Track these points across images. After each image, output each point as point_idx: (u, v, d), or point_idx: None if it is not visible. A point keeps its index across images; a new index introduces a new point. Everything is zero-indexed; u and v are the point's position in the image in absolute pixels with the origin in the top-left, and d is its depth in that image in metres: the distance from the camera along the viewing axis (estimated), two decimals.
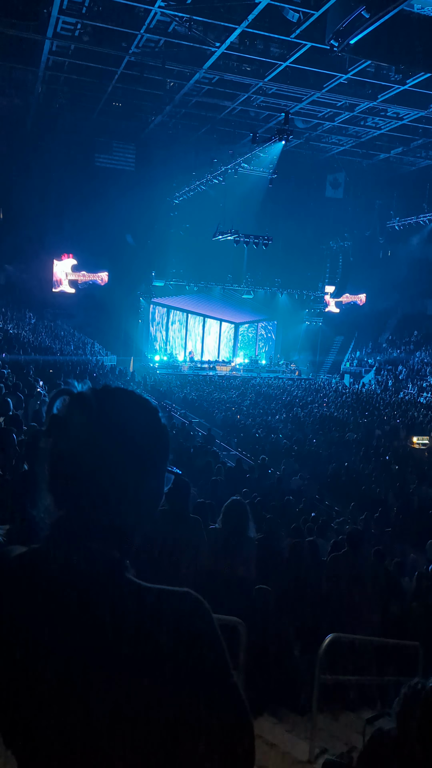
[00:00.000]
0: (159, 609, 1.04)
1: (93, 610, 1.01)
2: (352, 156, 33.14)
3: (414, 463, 19.20)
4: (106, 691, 0.97)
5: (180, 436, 16.45)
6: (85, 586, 1.03)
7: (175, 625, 1.03)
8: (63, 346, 28.21)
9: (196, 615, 1.06)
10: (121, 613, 1.02)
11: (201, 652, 1.04)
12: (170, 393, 27.69)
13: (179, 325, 38.10)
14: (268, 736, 4.40)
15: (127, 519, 1.09)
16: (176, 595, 1.07)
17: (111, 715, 0.97)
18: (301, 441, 20.23)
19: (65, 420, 1.09)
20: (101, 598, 1.02)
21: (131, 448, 1.09)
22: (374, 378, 34.78)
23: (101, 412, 1.09)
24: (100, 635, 0.99)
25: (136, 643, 1.00)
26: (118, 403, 1.12)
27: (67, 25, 19.88)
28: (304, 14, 17.68)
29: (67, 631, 0.99)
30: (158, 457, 1.14)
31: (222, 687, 1.06)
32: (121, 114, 28.43)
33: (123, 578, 1.06)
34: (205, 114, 28.03)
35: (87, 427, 1.07)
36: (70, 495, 1.07)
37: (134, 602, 1.04)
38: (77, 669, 0.98)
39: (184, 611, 1.05)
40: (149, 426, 1.13)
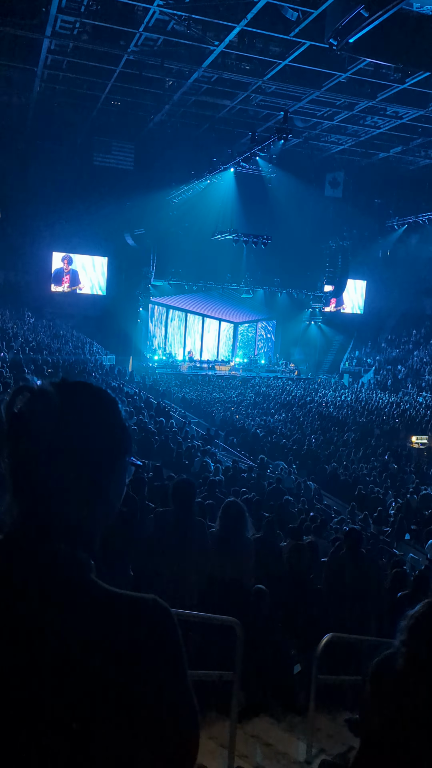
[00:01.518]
0: (121, 614, 1.02)
1: (52, 611, 0.98)
2: (351, 155, 33.12)
3: (413, 463, 19.21)
4: (60, 695, 0.95)
5: (179, 435, 16.43)
6: (45, 586, 1.00)
7: (136, 632, 1.01)
8: (62, 346, 28.19)
9: (161, 623, 1.04)
10: (82, 615, 0.99)
11: (163, 660, 1.02)
12: (169, 393, 27.69)
13: (178, 324, 38.08)
14: (265, 737, 4.38)
15: (90, 516, 1.07)
16: (141, 602, 1.05)
17: (63, 718, 0.94)
18: (300, 441, 20.23)
19: (25, 417, 1.05)
20: (62, 598, 1.00)
21: (93, 443, 1.06)
22: (373, 377, 34.79)
23: (61, 408, 1.05)
24: (58, 637, 0.97)
25: (93, 648, 0.97)
26: (78, 398, 1.09)
27: (66, 24, 19.85)
28: (303, 13, 17.66)
29: (21, 629, 0.97)
30: (119, 451, 1.12)
31: (178, 695, 1.04)
32: (119, 113, 28.41)
33: (86, 579, 1.03)
34: (204, 113, 28.01)
35: (47, 423, 1.04)
36: (31, 493, 1.04)
37: (96, 605, 1.01)
38: (31, 669, 0.95)
39: (147, 618, 1.03)
40: (109, 419, 1.11)
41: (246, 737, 4.23)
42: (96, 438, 1.07)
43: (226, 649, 3.95)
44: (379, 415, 24.94)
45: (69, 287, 34.15)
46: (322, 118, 27.89)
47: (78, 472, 1.04)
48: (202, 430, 19.78)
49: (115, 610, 1.02)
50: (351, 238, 37.65)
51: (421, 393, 30.53)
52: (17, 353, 22.86)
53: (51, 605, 0.99)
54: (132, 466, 1.16)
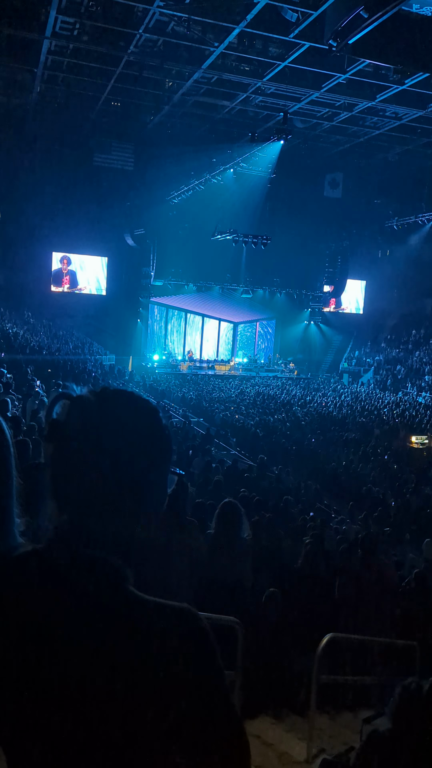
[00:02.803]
0: (156, 624, 1.03)
1: (89, 618, 1.00)
2: (351, 156, 33.13)
3: (413, 463, 19.22)
4: (98, 701, 0.96)
5: (179, 435, 16.45)
6: (83, 593, 1.01)
7: (170, 642, 1.01)
8: (61, 346, 28.20)
9: (193, 633, 1.05)
10: (117, 624, 1.01)
11: (196, 671, 1.02)
12: (169, 392, 27.69)
13: (178, 324, 38.09)
14: (266, 736, 4.41)
15: (130, 525, 1.07)
16: (174, 610, 1.05)
17: (103, 723, 0.96)
18: (300, 440, 20.24)
19: (65, 425, 1.07)
20: (99, 607, 1.01)
21: (133, 451, 1.07)
22: (373, 377, 34.81)
23: (101, 416, 1.06)
24: (94, 643, 0.98)
25: (129, 657, 0.99)
26: (118, 406, 1.09)
27: (66, 25, 19.86)
28: (302, 14, 17.69)
29: (61, 635, 0.98)
30: (161, 460, 1.12)
31: (217, 705, 1.04)
32: (119, 113, 28.42)
33: (123, 588, 1.04)
34: (204, 114, 28.03)
35: (88, 431, 1.05)
36: (73, 500, 1.05)
37: (131, 615, 1.02)
38: (69, 676, 0.97)
39: (181, 628, 1.04)
40: (150, 428, 1.11)
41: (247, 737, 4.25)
42: (136, 446, 1.07)
43: (227, 650, 3.97)
44: (378, 415, 24.95)
45: (69, 288, 34.17)
46: (322, 119, 27.91)
47: (118, 481, 1.05)
48: (201, 430, 19.79)
49: (149, 618, 1.02)
50: (350, 238, 37.66)
51: (420, 393, 30.55)
52: (17, 353, 22.88)
53: (87, 614, 1.00)
54: (174, 475, 1.17)
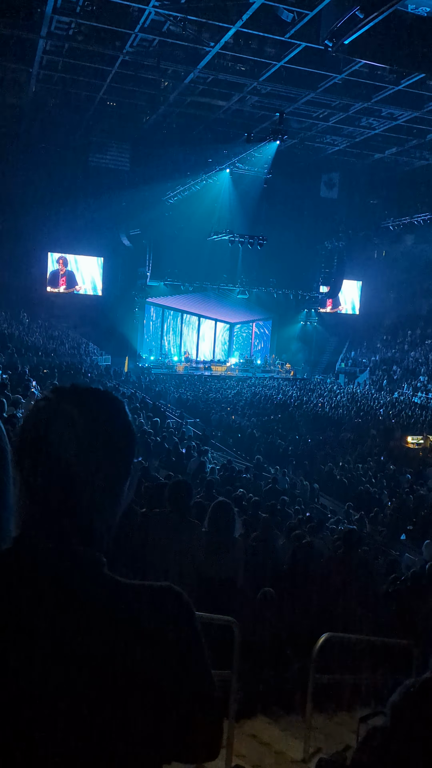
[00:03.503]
0: (139, 605, 1.05)
1: (71, 608, 1.01)
2: (346, 156, 33.18)
3: (409, 463, 19.26)
4: (84, 688, 0.97)
5: (175, 436, 16.45)
6: (64, 583, 1.02)
7: (155, 621, 1.04)
8: (57, 346, 28.17)
9: (177, 610, 1.08)
10: (101, 609, 1.02)
11: (180, 648, 1.05)
12: (165, 393, 27.68)
13: (174, 325, 38.09)
14: (262, 736, 4.40)
15: (103, 517, 1.09)
16: (156, 590, 1.08)
17: (89, 709, 0.97)
18: (296, 441, 20.27)
19: (35, 423, 1.08)
20: (81, 594, 1.03)
21: (103, 448, 1.09)
22: (369, 378, 34.86)
23: (71, 414, 1.08)
24: (79, 633, 0.99)
25: (115, 640, 1.00)
26: (86, 404, 1.11)
27: (61, 24, 19.85)
28: (298, 14, 17.70)
29: (43, 630, 0.99)
30: (130, 453, 1.14)
31: (199, 683, 1.07)
32: (115, 113, 28.39)
33: (102, 574, 1.06)
34: (200, 113, 28.03)
35: (58, 429, 1.06)
36: (45, 496, 1.06)
37: (114, 598, 1.04)
38: (54, 664, 0.97)
39: (164, 606, 1.07)
40: (120, 423, 1.13)
41: (244, 737, 4.25)
42: (103, 442, 1.09)
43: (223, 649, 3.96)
44: (374, 415, 25.00)
45: (66, 288, 34.13)
46: (318, 119, 27.94)
47: (86, 476, 1.06)
48: (198, 431, 19.79)
49: (132, 599, 1.05)
50: (346, 238, 37.71)
51: (416, 393, 30.61)
52: (12, 354, 22.84)
53: (70, 601, 1.01)
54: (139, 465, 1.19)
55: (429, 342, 35.82)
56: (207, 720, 1.08)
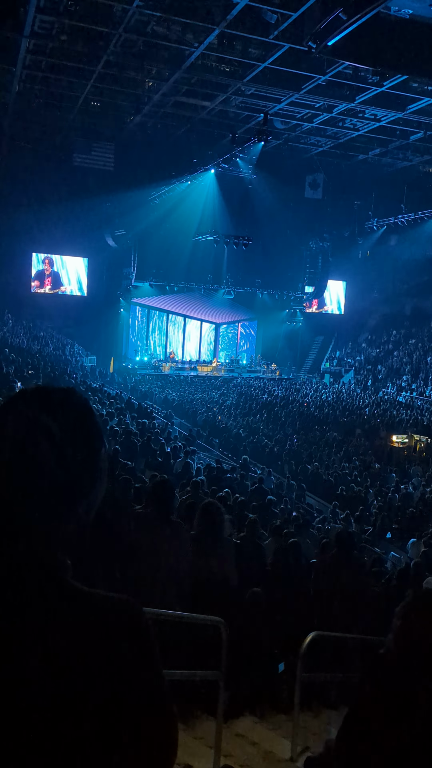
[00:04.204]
0: (94, 614, 1.04)
1: (27, 611, 1.00)
2: (330, 157, 33.32)
3: (394, 462, 19.39)
4: (37, 696, 0.96)
5: (161, 436, 16.41)
6: (21, 587, 1.01)
7: (109, 632, 1.03)
8: (42, 347, 28.01)
9: (131, 624, 1.07)
10: (56, 616, 1.01)
11: (135, 662, 1.04)
12: (151, 394, 27.64)
13: (159, 325, 38.04)
14: (250, 736, 4.41)
15: (67, 517, 1.07)
16: (113, 601, 1.07)
17: (42, 718, 0.96)
18: (282, 441, 20.32)
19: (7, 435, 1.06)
20: (37, 599, 1.01)
21: (78, 452, 1.07)
22: (354, 377, 35.04)
23: (49, 428, 1.06)
24: (33, 638, 0.98)
25: (69, 648, 0.99)
26: (61, 413, 1.09)
27: (45, 24, 19.74)
28: (282, 16, 17.75)
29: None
30: (99, 454, 1.12)
31: (152, 696, 1.06)
32: (99, 113, 28.30)
33: (61, 580, 1.05)
34: (184, 114, 28.01)
35: (36, 443, 1.05)
36: (4, 495, 1.04)
37: (70, 606, 1.03)
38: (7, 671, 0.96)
39: (119, 620, 1.06)
40: (89, 427, 1.12)
41: (232, 736, 4.26)
42: (81, 445, 1.08)
43: (211, 649, 3.97)
44: (359, 414, 25.13)
45: (52, 289, 33.95)
46: (302, 120, 28.03)
47: (54, 474, 1.05)
48: (184, 431, 19.77)
49: (88, 610, 1.04)
50: (331, 239, 37.89)
51: (401, 392, 30.82)
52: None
53: (25, 606, 1.00)
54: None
55: (413, 341, 36.10)
56: (160, 733, 1.07)
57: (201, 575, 4.58)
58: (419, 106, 24.70)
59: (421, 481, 17.31)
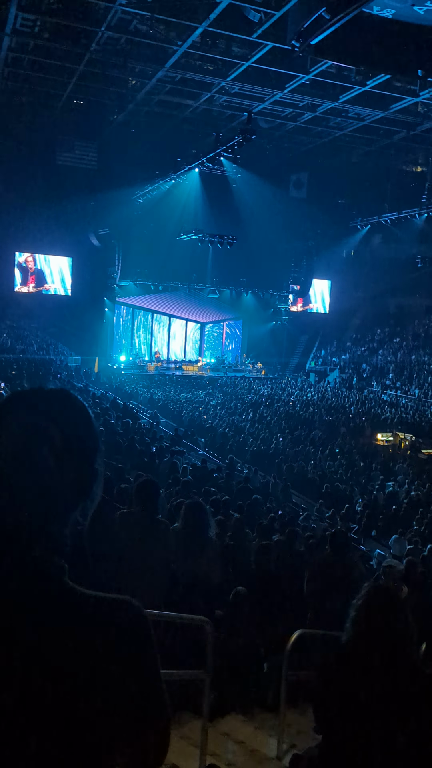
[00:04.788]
0: (96, 616, 1.04)
1: (29, 616, 1.00)
2: (315, 156, 33.44)
3: (379, 460, 19.47)
4: (38, 697, 0.96)
5: (146, 436, 16.37)
6: (22, 591, 1.01)
7: (110, 634, 1.03)
8: (26, 347, 27.83)
9: (133, 625, 1.07)
10: (58, 619, 1.01)
11: (133, 663, 1.04)
12: (136, 394, 27.55)
13: (144, 324, 37.93)
14: (236, 734, 4.40)
15: (65, 521, 1.08)
16: (115, 603, 1.07)
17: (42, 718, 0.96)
18: (268, 440, 20.34)
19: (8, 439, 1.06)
20: (38, 603, 1.01)
21: (77, 457, 1.08)
22: (339, 376, 35.18)
23: (49, 432, 1.06)
24: (35, 642, 0.98)
25: (71, 650, 0.99)
26: (44, 407, 1.09)
27: (27, 22, 19.60)
28: (265, 14, 17.77)
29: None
30: (97, 457, 1.13)
31: (150, 695, 1.07)
32: (82, 111, 28.18)
33: (62, 583, 1.05)
34: (168, 113, 27.98)
35: (36, 448, 1.05)
36: (2, 501, 1.04)
37: (72, 608, 1.03)
38: (7, 674, 0.96)
39: (120, 620, 1.06)
40: (88, 430, 1.13)
41: (218, 736, 4.24)
42: (80, 450, 1.09)
43: (197, 649, 3.96)
44: (344, 413, 25.23)
45: (35, 287, 33.71)
46: (286, 119, 28.10)
47: (53, 477, 1.05)
48: (169, 431, 19.72)
49: (90, 612, 1.04)
50: (315, 238, 38.00)
51: (385, 391, 30.99)
52: None
53: (27, 610, 1.00)
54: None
55: (397, 340, 36.31)
56: (155, 732, 1.08)
57: (186, 575, 4.56)
58: (402, 106, 24.87)
59: (405, 479, 17.42)
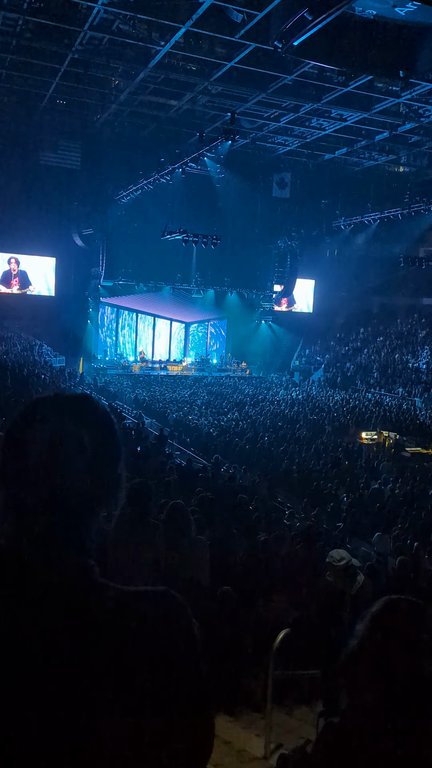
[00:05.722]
0: (137, 609, 1.05)
1: (67, 615, 1.00)
2: (298, 156, 33.56)
3: (363, 459, 19.59)
4: (84, 698, 0.97)
5: (132, 437, 16.34)
6: (57, 593, 1.02)
7: (156, 626, 1.04)
8: (9, 348, 27.65)
9: (176, 614, 1.08)
10: (97, 616, 1.02)
11: (178, 652, 1.05)
12: (121, 394, 27.49)
13: (129, 325, 37.83)
14: (223, 734, 4.42)
15: (92, 524, 1.10)
16: (155, 594, 1.09)
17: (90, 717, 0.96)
18: (253, 439, 20.37)
19: (21, 430, 1.08)
20: (75, 602, 1.02)
21: (105, 463, 1.10)
22: (323, 375, 35.33)
23: (80, 438, 1.08)
24: (76, 641, 0.99)
25: (113, 646, 1.00)
26: (71, 413, 1.10)
27: (8, 21, 19.48)
28: (248, 15, 17.78)
29: (36, 637, 0.98)
30: (120, 462, 1.15)
31: (192, 690, 1.06)
32: (65, 112, 28.03)
33: (96, 581, 1.06)
34: (152, 113, 27.92)
35: (44, 437, 1.06)
36: (34, 504, 1.05)
37: (110, 604, 1.04)
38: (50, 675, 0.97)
39: (164, 611, 1.07)
40: (114, 436, 1.14)
41: None
42: (108, 456, 1.11)
43: None
44: (329, 412, 25.34)
45: (19, 289, 33.49)
46: (269, 120, 28.16)
47: (74, 483, 1.06)
48: (155, 431, 19.69)
49: (130, 605, 1.05)
50: (299, 238, 38.12)
51: (369, 390, 31.18)
52: None
53: (65, 610, 1.01)
54: None
55: (381, 339, 36.54)
56: (200, 724, 1.07)
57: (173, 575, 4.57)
58: (384, 107, 25.02)
59: (389, 477, 17.54)
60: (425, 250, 35.69)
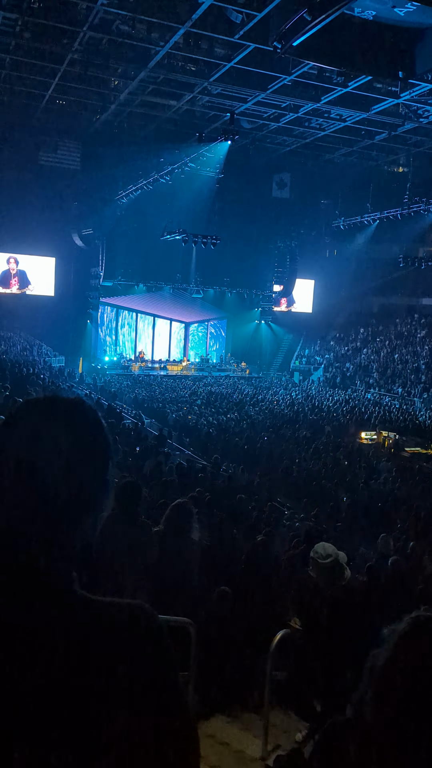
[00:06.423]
0: (110, 622, 1.03)
1: (41, 624, 0.98)
2: (297, 156, 33.56)
3: (363, 458, 19.59)
4: (53, 708, 0.95)
5: (131, 437, 16.34)
6: (31, 599, 1.00)
7: (124, 642, 1.02)
8: (9, 348, 27.65)
9: (148, 629, 1.05)
10: (70, 627, 1.00)
11: (151, 668, 1.03)
12: (121, 394, 27.48)
13: (129, 324, 37.84)
14: (221, 736, 4.42)
15: (80, 533, 1.07)
16: (128, 608, 1.06)
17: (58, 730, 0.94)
18: (253, 439, 20.37)
19: (2, 430, 1.06)
20: (49, 611, 1.00)
21: (87, 467, 1.06)
22: (323, 375, 35.34)
23: (58, 440, 1.04)
24: (47, 649, 0.97)
25: (85, 658, 0.98)
26: (71, 425, 1.07)
27: (8, 21, 19.48)
28: (247, 15, 17.80)
29: (7, 644, 0.96)
30: (108, 467, 1.11)
31: (170, 702, 1.05)
32: (65, 112, 28.03)
33: (71, 591, 1.04)
34: (151, 113, 27.93)
35: (44, 456, 1.03)
36: (11, 508, 1.03)
37: (83, 615, 1.02)
38: (20, 683, 0.95)
39: (136, 625, 1.04)
40: (100, 441, 1.11)
41: (202, 738, 4.24)
42: (91, 460, 1.08)
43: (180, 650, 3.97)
44: (328, 412, 25.35)
45: (19, 289, 33.48)
46: (268, 120, 28.16)
47: (74, 495, 1.04)
48: (154, 431, 19.69)
49: (101, 618, 1.02)
50: (298, 238, 38.15)
51: (369, 390, 31.19)
52: None
53: (36, 619, 0.98)
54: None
55: (380, 339, 36.54)
56: (181, 738, 1.05)
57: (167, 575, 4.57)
58: (383, 107, 25.03)
59: (389, 477, 17.54)
60: (424, 250, 35.69)
